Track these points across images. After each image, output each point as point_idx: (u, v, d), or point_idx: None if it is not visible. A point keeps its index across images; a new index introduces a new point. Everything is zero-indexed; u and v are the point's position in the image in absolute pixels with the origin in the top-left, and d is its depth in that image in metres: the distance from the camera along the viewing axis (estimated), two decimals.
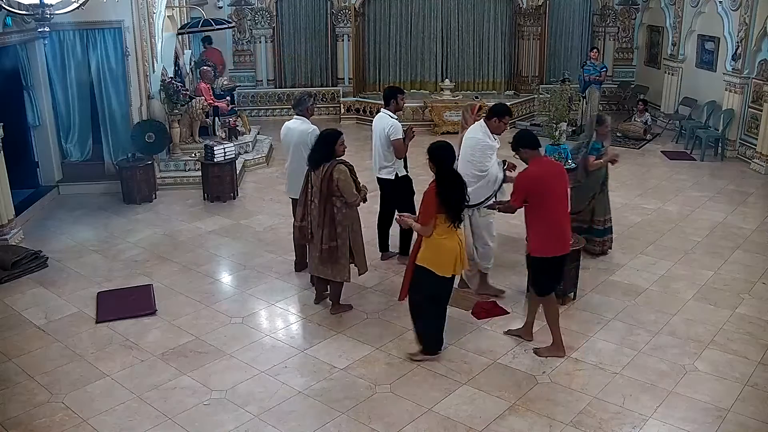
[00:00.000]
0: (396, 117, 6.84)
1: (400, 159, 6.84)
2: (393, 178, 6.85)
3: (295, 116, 6.77)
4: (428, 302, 5.22)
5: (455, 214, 4.97)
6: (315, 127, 6.50)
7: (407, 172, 6.99)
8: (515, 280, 6.66)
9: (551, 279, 5.36)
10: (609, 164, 7.18)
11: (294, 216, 6.25)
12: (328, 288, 6.19)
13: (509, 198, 5.42)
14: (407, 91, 14.77)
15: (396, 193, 6.91)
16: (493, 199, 5.96)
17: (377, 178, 7.00)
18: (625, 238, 7.82)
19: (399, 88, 7.09)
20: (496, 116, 6.06)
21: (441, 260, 5.03)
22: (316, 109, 6.47)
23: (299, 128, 6.58)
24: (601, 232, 7.22)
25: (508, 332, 5.69)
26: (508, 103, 13.25)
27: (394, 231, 7.07)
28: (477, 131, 6.13)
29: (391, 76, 14.88)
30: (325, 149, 5.72)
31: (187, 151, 10.18)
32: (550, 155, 7.03)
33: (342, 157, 5.80)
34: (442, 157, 5.07)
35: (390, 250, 7.25)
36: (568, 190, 5.54)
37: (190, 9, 12.26)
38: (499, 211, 5.82)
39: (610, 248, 7.39)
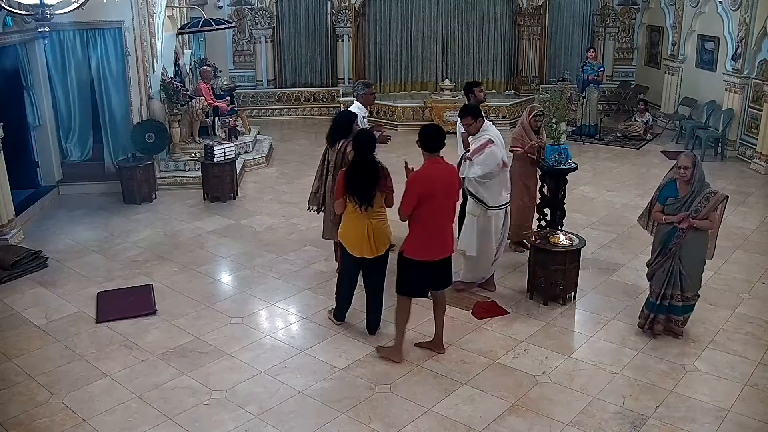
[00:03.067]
0: None
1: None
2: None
3: (355, 101, 7.17)
4: (343, 274, 5.72)
5: (360, 198, 5.22)
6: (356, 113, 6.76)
7: None
8: (515, 280, 6.67)
9: (418, 282, 5.19)
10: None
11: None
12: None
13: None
14: (407, 92, 14.87)
15: None
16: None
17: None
18: (625, 238, 7.84)
19: (476, 82, 7.79)
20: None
21: (348, 237, 5.42)
22: (368, 97, 7.11)
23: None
24: (671, 308, 5.54)
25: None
26: (507, 104, 13.60)
27: None
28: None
29: (392, 76, 14.89)
30: (342, 128, 6.26)
31: (187, 151, 10.17)
32: (550, 155, 6.99)
33: None
34: (360, 143, 5.38)
35: None
36: (459, 196, 5.33)
37: (190, 9, 12.24)
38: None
39: (677, 333, 5.64)
